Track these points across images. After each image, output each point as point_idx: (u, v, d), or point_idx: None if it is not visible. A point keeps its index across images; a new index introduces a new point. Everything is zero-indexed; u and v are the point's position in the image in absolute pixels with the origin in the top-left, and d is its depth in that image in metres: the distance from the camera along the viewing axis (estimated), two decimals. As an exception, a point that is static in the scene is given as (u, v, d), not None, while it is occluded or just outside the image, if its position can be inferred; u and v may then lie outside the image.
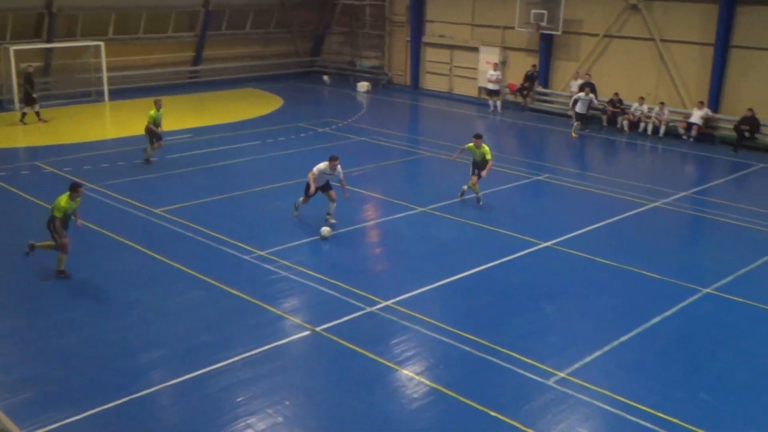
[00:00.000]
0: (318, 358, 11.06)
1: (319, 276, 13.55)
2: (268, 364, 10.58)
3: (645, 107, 27.21)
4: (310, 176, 15.78)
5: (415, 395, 9.96)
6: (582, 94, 26.58)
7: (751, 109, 24.84)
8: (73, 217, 13.31)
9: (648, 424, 9.34)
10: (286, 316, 12.08)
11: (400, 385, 10.22)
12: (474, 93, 33.36)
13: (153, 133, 20.74)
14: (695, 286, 13.57)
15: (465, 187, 18.10)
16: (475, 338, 11.40)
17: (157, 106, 20.73)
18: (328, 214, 16.12)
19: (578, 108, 26.64)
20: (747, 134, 24.95)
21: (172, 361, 10.66)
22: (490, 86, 31.00)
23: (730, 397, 10.14)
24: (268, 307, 12.35)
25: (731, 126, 25.50)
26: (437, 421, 9.46)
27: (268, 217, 16.90)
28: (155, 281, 13.35)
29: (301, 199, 16.33)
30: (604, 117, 28.22)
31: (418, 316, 12.13)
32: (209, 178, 19.88)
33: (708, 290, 13.43)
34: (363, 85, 35.11)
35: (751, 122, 24.89)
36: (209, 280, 13.24)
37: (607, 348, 11.26)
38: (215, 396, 9.78)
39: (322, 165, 15.86)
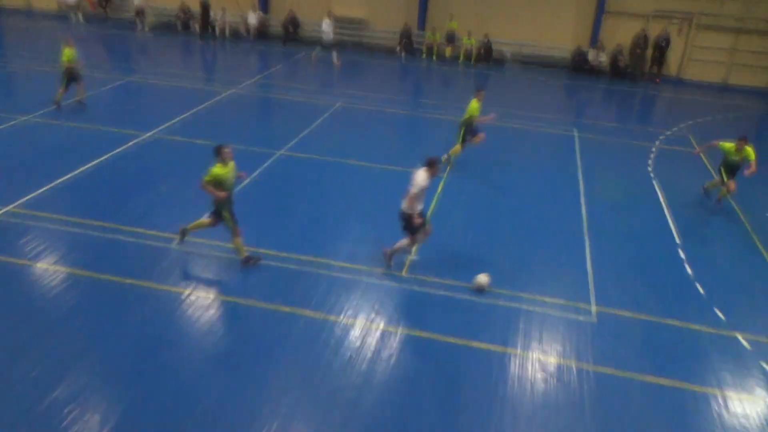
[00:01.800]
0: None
1: (-74, 196, 11.17)
2: None
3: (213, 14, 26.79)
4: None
5: (54, 283, 9.05)
6: (328, 21, 23.09)
7: (291, 10, 26.05)
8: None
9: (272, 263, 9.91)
10: None
11: (35, 279, 9.16)
12: (55, 7, 29.11)
13: (73, 74, 16.07)
14: (271, 150, 14.32)
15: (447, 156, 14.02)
16: (100, 223, 10.64)
17: (72, 43, 16.04)
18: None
19: (325, 36, 23.17)
20: (291, 30, 26.25)
21: None
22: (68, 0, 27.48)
23: (309, 228, 11.12)
24: None
25: (279, 25, 26.55)
26: (80, 299, 8.77)
27: None
28: None
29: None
30: (179, 23, 27.12)
31: (42, 214, 10.83)
32: None
33: (281, 152, 14.28)
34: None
35: (293, 21, 26.20)
36: None
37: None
38: None
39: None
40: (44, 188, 11.80)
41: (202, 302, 8.82)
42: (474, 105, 13.72)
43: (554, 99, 21.97)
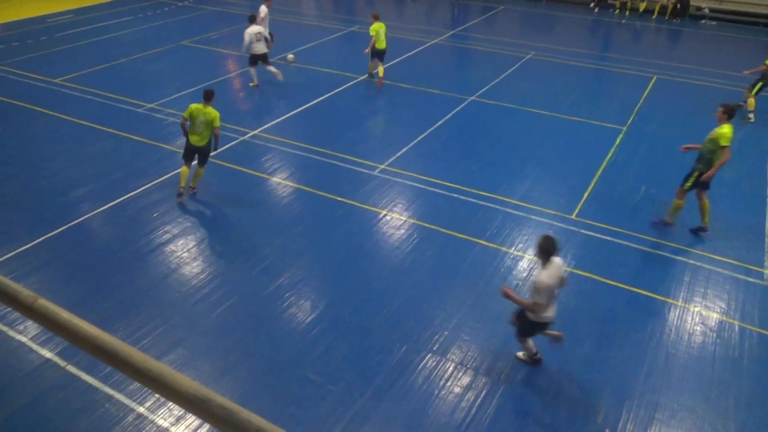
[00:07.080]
0: (208, 178, 10.57)
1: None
2: (172, 188, 10.06)
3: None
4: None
5: (284, 194, 9.92)
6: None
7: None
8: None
9: (441, 191, 9.94)
10: (179, 150, 11.30)
11: (272, 189, 10.10)
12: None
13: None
14: (463, 96, 14.02)
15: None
16: (319, 149, 11.34)
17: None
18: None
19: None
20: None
21: (96, 194, 9.86)
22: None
23: (489, 168, 10.88)
24: (164, 146, 11.52)
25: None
26: (303, 208, 9.55)
27: (151, 77, 15.25)
28: (67, 138, 11.93)
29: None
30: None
31: (277, 138, 11.80)
32: (96, 50, 17.44)
33: (472, 98, 13.93)
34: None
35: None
36: (113, 131, 12.05)
37: (410, 144, 11.58)
38: (137, 215, 9.28)
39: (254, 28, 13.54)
40: (280, 118, 12.78)
41: (395, 222, 9.11)
42: None
43: (752, 59, 18.70)
